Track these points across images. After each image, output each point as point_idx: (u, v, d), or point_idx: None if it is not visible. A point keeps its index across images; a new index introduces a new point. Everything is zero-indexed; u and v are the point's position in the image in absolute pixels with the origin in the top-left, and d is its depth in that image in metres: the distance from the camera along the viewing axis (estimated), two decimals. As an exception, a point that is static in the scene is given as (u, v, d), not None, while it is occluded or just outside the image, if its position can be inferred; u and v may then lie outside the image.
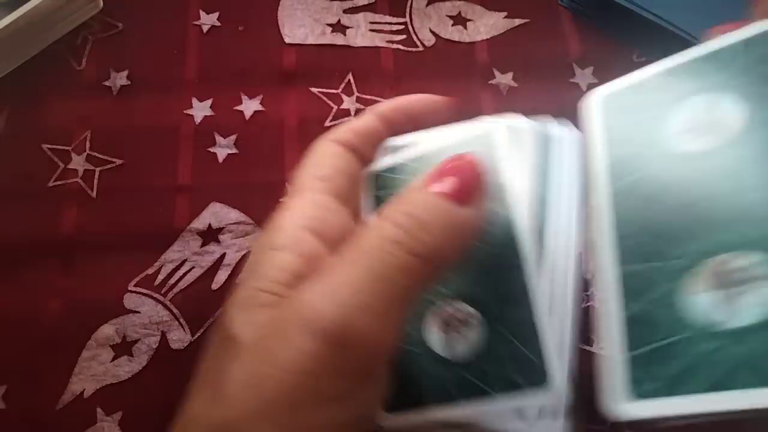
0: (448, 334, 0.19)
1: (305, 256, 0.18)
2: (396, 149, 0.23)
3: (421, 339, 0.19)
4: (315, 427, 0.16)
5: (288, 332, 0.16)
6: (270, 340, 0.16)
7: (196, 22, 0.39)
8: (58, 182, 0.34)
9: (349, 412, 0.16)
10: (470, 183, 0.17)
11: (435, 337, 0.19)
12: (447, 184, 0.17)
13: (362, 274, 0.16)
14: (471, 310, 0.18)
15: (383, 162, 0.22)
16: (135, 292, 0.32)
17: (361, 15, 0.40)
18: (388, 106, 0.23)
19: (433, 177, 0.17)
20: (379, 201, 0.22)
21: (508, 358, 0.17)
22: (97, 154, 0.35)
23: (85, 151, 0.35)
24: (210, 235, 0.33)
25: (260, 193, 0.34)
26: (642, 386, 0.15)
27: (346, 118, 0.36)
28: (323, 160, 0.21)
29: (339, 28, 0.40)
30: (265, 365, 0.16)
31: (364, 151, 0.22)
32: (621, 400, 0.15)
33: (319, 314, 0.16)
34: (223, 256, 0.33)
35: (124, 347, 0.30)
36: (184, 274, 0.32)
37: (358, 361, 0.16)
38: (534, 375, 0.17)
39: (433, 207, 0.17)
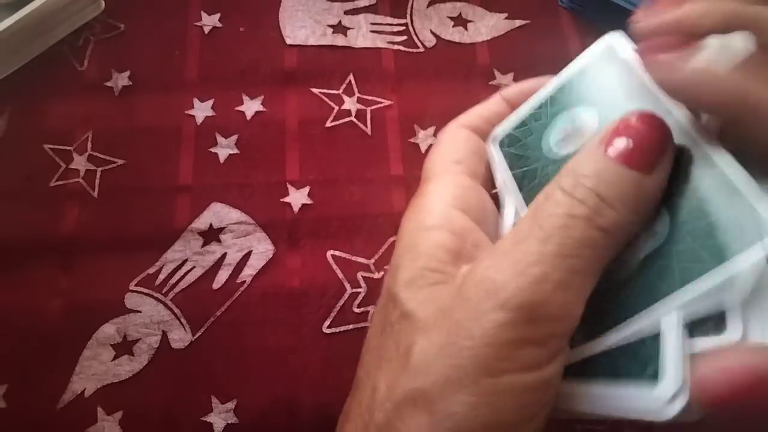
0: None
1: (457, 233, 0.19)
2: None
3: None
4: (510, 393, 0.16)
5: (474, 305, 0.17)
6: (455, 313, 0.17)
7: (197, 23, 0.39)
8: (60, 182, 0.34)
9: (541, 380, 0.16)
10: (652, 145, 0.16)
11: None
12: (627, 148, 0.16)
13: (547, 248, 0.16)
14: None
15: (506, 123, 0.23)
16: (136, 291, 0.32)
17: (362, 16, 0.40)
18: (513, 89, 0.24)
19: (610, 136, 0.17)
20: (512, 158, 0.22)
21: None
22: (98, 155, 0.35)
23: (86, 151, 0.35)
24: (211, 235, 0.33)
25: (261, 193, 0.34)
26: None
27: (346, 119, 0.37)
28: (455, 144, 0.23)
29: (340, 29, 0.40)
30: (456, 337, 0.16)
31: (489, 132, 0.23)
32: None
33: (505, 287, 0.16)
34: (224, 256, 0.33)
35: (124, 346, 0.30)
36: (185, 274, 0.32)
37: (546, 331, 0.16)
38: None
39: (616, 178, 0.16)
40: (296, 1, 0.40)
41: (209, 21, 0.39)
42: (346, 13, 0.40)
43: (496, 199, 0.23)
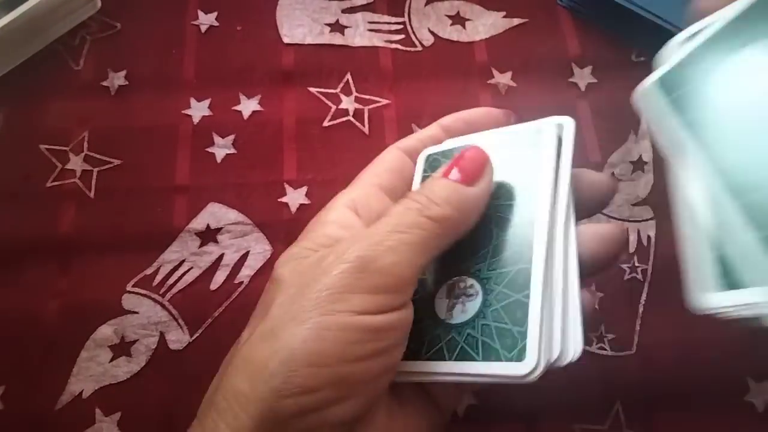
0: (453, 302, 0.23)
1: (346, 227, 0.24)
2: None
3: (432, 304, 0.24)
4: (336, 329, 0.20)
5: (324, 265, 0.21)
6: (311, 273, 0.21)
7: (194, 22, 0.39)
8: (56, 183, 0.34)
9: (366, 325, 0.20)
10: (473, 169, 0.23)
11: (442, 303, 0.24)
12: (455, 172, 0.23)
13: (387, 227, 0.22)
14: (477, 285, 0.23)
15: (438, 147, 0.27)
16: (133, 292, 0.32)
17: (359, 15, 0.40)
18: (452, 117, 0.28)
19: (447, 167, 0.23)
20: (425, 179, 0.26)
21: (495, 330, 0.22)
22: (95, 155, 0.35)
23: (83, 151, 0.35)
24: (208, 236, 0.33)
25: (259, 193, 0.34)
26: None
27: (344, 118, 0.36)
28: (382, 160, 0.27)
29: (337, 27, 0.39)
30: (306, 287, 0.21)
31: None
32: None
33: (350, 250, 0.21)
34: (221, 256, 0.33)
35: (122, 348, 0.30)
36: (183, 275, 0.32)
37: (375, 281, 0.20)
38: (514, 349, 0.21)
39: (442, 187, 0.23)
40: (293, 0, 0.40)
41: (206, 20, 0.39)
42: (344, 11, 0.40)
43: None
